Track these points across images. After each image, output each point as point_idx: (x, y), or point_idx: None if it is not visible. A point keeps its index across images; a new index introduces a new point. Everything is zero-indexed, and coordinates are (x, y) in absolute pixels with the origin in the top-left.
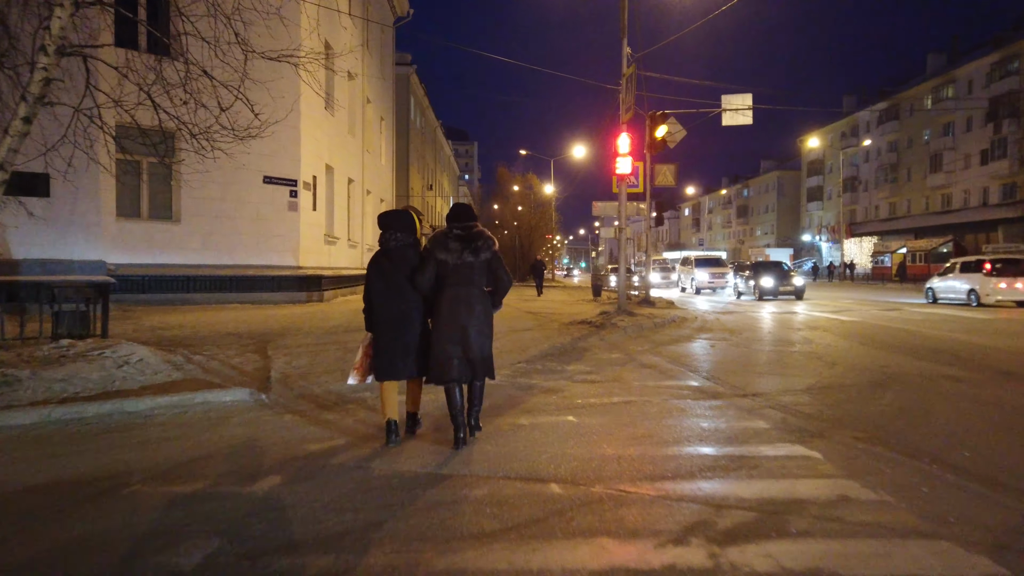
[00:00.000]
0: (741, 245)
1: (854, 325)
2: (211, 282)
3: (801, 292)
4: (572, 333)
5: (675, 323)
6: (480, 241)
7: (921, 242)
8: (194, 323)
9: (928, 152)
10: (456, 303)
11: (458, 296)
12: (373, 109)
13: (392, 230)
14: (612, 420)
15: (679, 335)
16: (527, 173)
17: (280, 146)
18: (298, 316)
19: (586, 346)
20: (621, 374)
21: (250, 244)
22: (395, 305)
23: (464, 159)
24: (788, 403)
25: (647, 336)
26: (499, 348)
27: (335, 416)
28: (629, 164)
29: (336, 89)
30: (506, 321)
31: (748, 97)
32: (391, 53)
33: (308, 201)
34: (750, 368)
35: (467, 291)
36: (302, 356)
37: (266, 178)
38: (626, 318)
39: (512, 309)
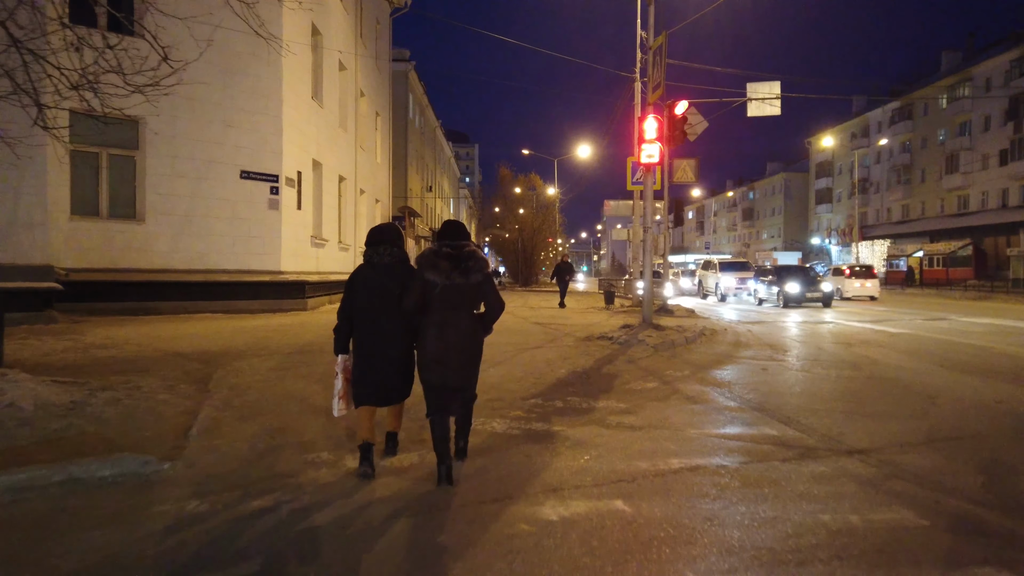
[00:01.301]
0: (747, 248)
1: (911, 340)
2: (180, 289)
3: (830, 299)
4: (593, 352)
5: (706, 337)
6: (471, 262)
7: (938, 245)
8: (145, 338)
9: (944, 152)
10: (444, 328)
11: (446, 320)
12: (368, 104)
13: (383, 245)
14: (683, 509)
15: (717, 354)
16: (530, 174)
17: (259, 137)
18: (272, 329)
19: (614, 371)
20: (667, 414)
21: (225, 247)
22: (380, 325)
23: (465, 161)
24: (921, 469)
25: (681, 355)
26: (507, 375)
27: (264, 502)
28: (657, 151)
29: (325, 79)
30: (513, 336)
31: (776, 86)
32: (387, 46)
33: (292, 199)
34: (827, 404)
35: (455, 315)
36: (252, 389)
37: (243, 173)
38: (653, 332)
39: (518, 320)
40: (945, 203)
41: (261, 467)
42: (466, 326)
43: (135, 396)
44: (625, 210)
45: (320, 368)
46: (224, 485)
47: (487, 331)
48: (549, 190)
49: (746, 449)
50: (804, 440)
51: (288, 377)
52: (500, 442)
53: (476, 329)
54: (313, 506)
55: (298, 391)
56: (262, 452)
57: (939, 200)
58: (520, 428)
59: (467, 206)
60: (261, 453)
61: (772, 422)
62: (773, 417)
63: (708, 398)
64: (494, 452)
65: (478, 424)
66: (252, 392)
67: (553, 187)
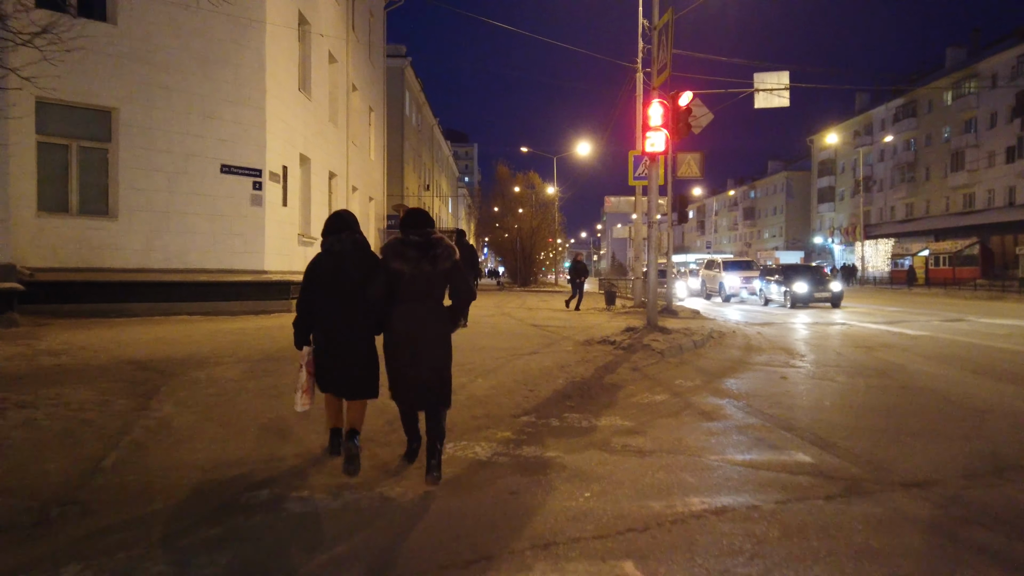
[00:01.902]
0: (748, 248)
1: (933, 343)
2: (156, 289)
3: (839, 299)
4: (594, 358)
5: (715, 340)
6: (439, 249)
7: (944, 244)
8: (106, 344)
9: (949, 150)
10: (410, 319)
11: (413, 311)
12: (360, 98)
13: (341, 232)
14: (712, 572)
15: (729, 359)
16: (528, 172)
17: (241, 129)
18: (249, 332)
19: (617, 381)
20: (681, 435)
21: (204, 245)
22: (342, 315)
23: (464, 161)
24: (1001, 510)
25: (690, 362)
26: (497, 387)
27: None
28: (662, 139)
29: (314, 70)
30: (507, 340)
31: (784, 75)
32: (382, 40)
33: (277, 195)
34: (863, 420)
35: (423, 306)
36: (201, 405)
37: (224, 167)
38: (658, 336)
39: (514, 323)
40: (950, 201)
41: (182, 514)
42: (434, 316)
43: (56, 415)
44: (627, 207)
45: (289, 378)
46: (120, 543)
47: (456, 323)
48: (548, 189)
49: (779, 482)
50: (846, 469)
51: (249, 391)
52: (483, 474)
53: (445, 319)
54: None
55: (256, 409)
56: (189, 491)
57: (944, 198)
58: (508, 454)
59: (466, 205)
60: (188, 493)
61: (804, 444)
62: (804, 438)
63: (725, 414)
64: (474, 489)
65: (458, 450)
66: (200, 409)
67: (552, 186)
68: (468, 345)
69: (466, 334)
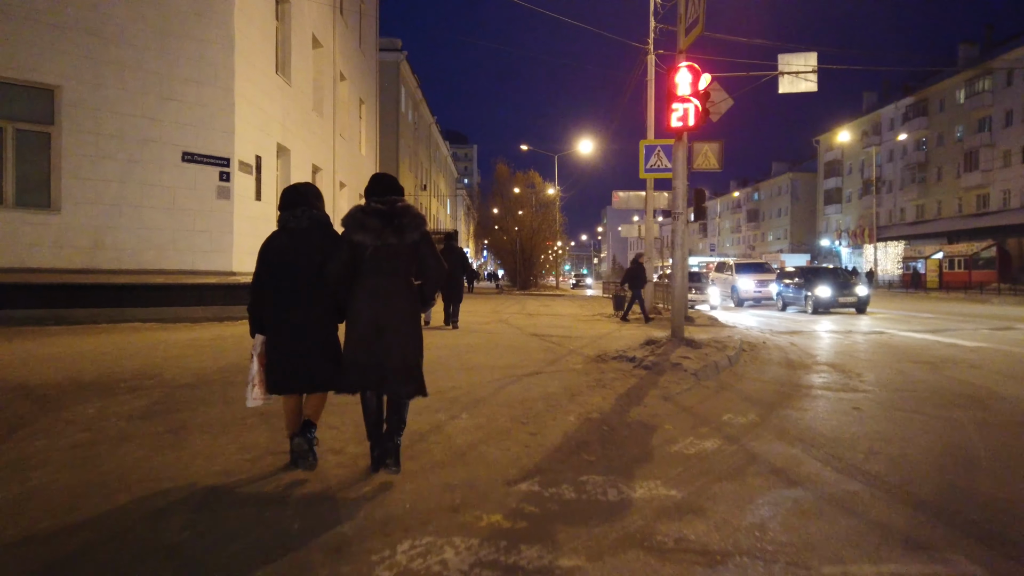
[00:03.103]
0: (752, 251)
1: (1006, 359)
2: (104, 293)
3: (864, 304)
4: (611, 381)
5: (746, 354)
6: (406, 218)
7: (959, 246)
8: (8, 360)
9: (962, 149)
10: (374, 297)
11: (377, 289)
12: (349, 88)
13: (298, 207)
14: None
15: (775, 380)
16: (528, 171)
17: (207, 113)
18: (199, 344)
19: (647, 416)
20: (757, 516)
21: (162, 242)
22: (298, 298)
23: (463, 163)
24: None
25: (731, 385)
26: (487, 428)
27: None
28: (692, 112)
29: (295, 53)
30: (503, 354)
31: (812, 57)
32: (374, 29)
33: (249, 187)
34: (1017, 484)
35: (388, 282)
36: (49, 461)
37: (186, 155)
38: (688, 352)
39: (512, 332)
40: (963, 202)
41: None
42: (402, 295)
43: None
44: (636, 202)
45: (214, 410)
46: None
47: (428, 302)
48: (549, 190)
49: None
50: None
51: (137, 437)
52: None
53: (413, 299)
54: None
55: (129, 471)
56: None
57: (957, 199)
58: (496, 566)
59: (465, 207)
60: None
61: (957, 536)
62: (954, 524)
63: (809, 472)
64: None
65: (414, 558)
66: (50, 469)
67: (553, 186)
68: (455, 362)
69: (453, 347)
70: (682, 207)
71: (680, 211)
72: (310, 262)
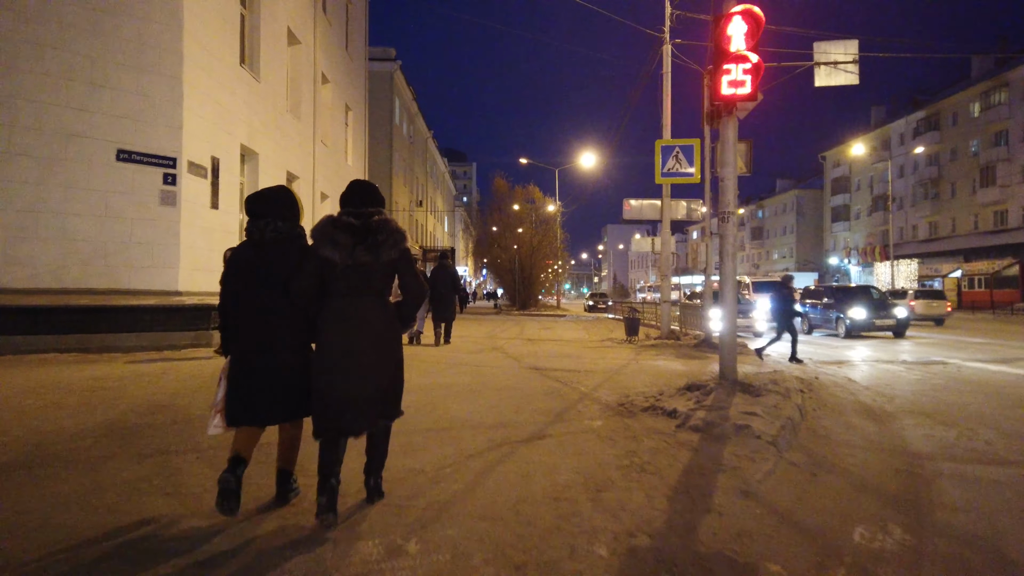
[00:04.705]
0: (756, 269)
1: None
2: (11, 318)
3: (904, 327)
4: (656, 462)
5: (808, 397)
6: (381, 234)
7: (979, 264)
8: None
9: (977, 164)
10: (344, 320)
11: (347, 311)
12: (333, 92)
13: (267, 218)
14: None
15: (875, 445)
16: (528, 185)
17: (148, 104)
18: (100, 390)
19: (732, 544)
20: None
21: (90, 256)
22: (264, 319)
23: (463, 181)
24: None
25: (825, 458)
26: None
27: None
28: (751, 74)
29: (265, 45)
30: (491, 399)
31: (852, 45)
32: (362, 31)
33: (202, 193)
34: None
35: (362, 303)
36: None
37: (122, 153)
38: (749, 402)
39: (508, 363)
40: (980, 219)
41: None
42: (376, 316)
43: None
44: (651, 212)
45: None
46: None
47: (407, 323)
48: (549, 207)
49: None
50: None
51: None
52: None
53: (390, 321)
54: None
55: None
56: None
57: (972, 216)
58: None
59: (463, 224)
60: None
61: None
62: None
63: None
64: None
65: None
66: None
67: (554, 202)
68: (425, 415)
69: (428, 388)
70: (732, 203)
71: (731, 209)
72: (276, 280)
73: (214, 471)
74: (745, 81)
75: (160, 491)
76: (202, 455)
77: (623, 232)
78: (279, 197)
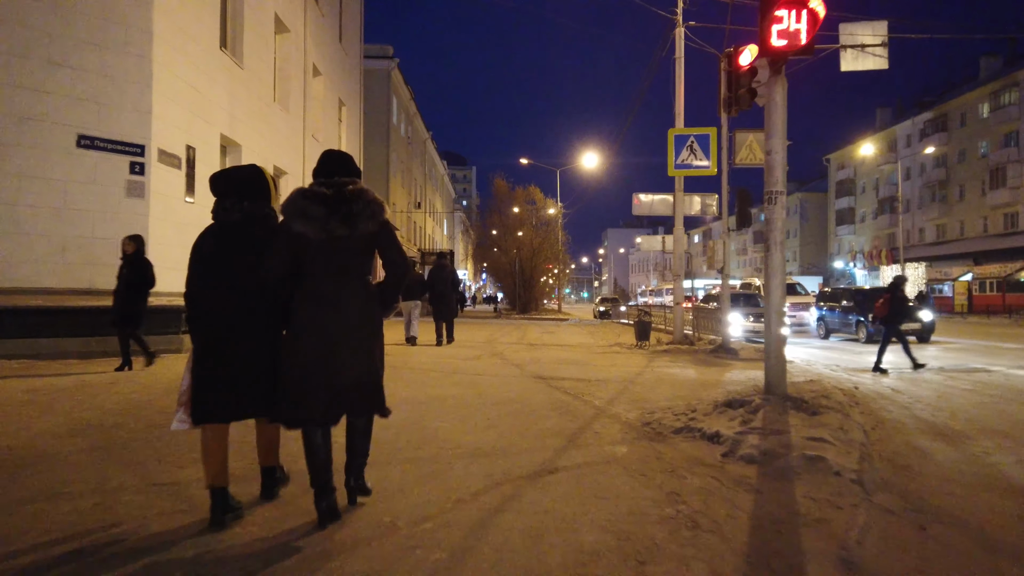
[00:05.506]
0: (758, 273)
1: None
2: None
3: (929, 331)
4: (710, 511)
5: (860, 410)
6: (357, 204)
7: (990, 267)
8: None
9: (986, 166)
10: (320, 304)
11: (323, 293)
12: (325, 85)
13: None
14: None
15: (973, 479)
16: (529, 186)
17: (113, 86)
18: (22, 401)
19: None
20: None
21: (46, 253)
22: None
23: (462, 184)
24: None
25: (924, 500)
26: None
27: None
28: (807, 22)
29: (250, 29)
30: (491, 415)
31: (881, 26)
32: (357, 24)
33: (175, 184)
34: None
35: (338, 284)
36: None
37: (83, 139)
38: (807, 423)
39: (508, 371)
40: (989, 221)
41: None
42: (356, 299)
43: None
44: (663, 207)
45: None
46: None
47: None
48: (550, 210)
49: None
50: None
51: None
52: None
53: (369, 303)
54: None
55: None
56: None
57: (981, 218)
58: None
59: (462, 227)
60: None
61: None
62: None
63: None
64: None
65: None
66: None
67: (554, 206)
68: (410, 439)
69: (417, 402)
70: (781, 181)
71: (779, 188)
72: (242, 261)
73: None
74: (799, 31)
75: None
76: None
77: (624, 236)
78: (246, 176)
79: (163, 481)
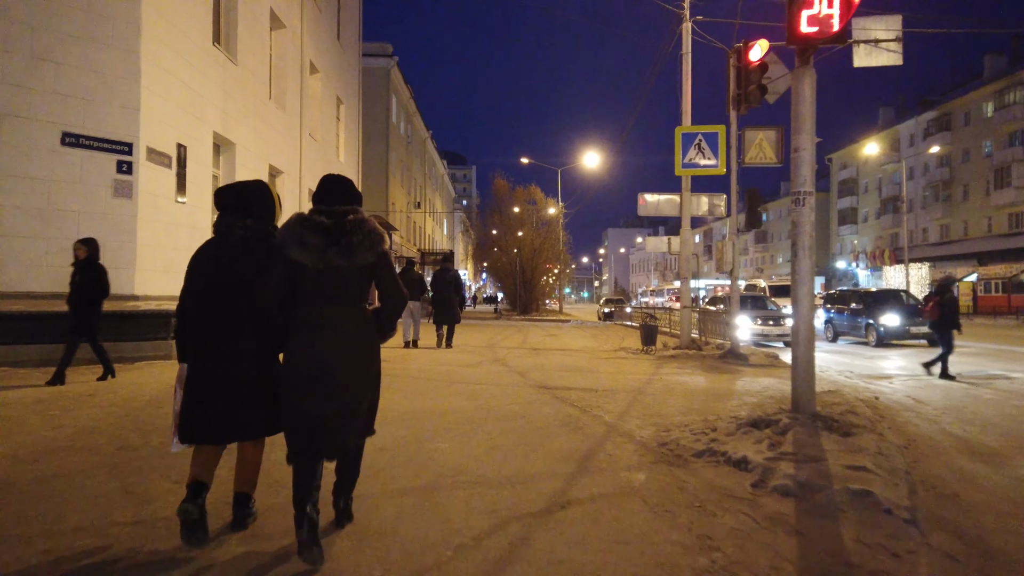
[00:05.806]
0: (760, 274)
1: None
2: None
3: None
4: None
5: (889, 424)
6: (356, 235)
7: (996, 268)
8: None
9: (991, 166)
10: (316, 331)
11: (319, 320)
12: (323, 83)
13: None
14: None
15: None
16: (529, 185)
17: (100, 81)
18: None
19: None
20: None
21: (29, 256)
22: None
23: (462, 183)
24: None
25: (1000, 553)
26: None
27: None
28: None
29: (244, 24)
30: (491, 433)
31: (896, 21)
32: (355, 22)
33: (166, 184)
34: None
35: (334, 311)
36: None
37: (68, 137)
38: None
39: (510, 379)
40: (993, 222)
41: None
42: (352, 328)
43: None
44: (669, 208)
45: None
46: None
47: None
48: (551, 210)
49: None
50: None
51: None
52: None
53: (366, 331)
54: None
55: None
56: None
57: (986, 219)
58: None
59: (462, 227)
60: None
61: None
62: None
63: None
64: None
65: None
66: None
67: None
68: (407, 463)
69: (413, 415)
70: (809, 181)
71: (807, 188)
72: (240, 281)
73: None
74: (831, 17)
75: None
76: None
77: (624, 235)
78: (252, 191)
79: (124, 520)
